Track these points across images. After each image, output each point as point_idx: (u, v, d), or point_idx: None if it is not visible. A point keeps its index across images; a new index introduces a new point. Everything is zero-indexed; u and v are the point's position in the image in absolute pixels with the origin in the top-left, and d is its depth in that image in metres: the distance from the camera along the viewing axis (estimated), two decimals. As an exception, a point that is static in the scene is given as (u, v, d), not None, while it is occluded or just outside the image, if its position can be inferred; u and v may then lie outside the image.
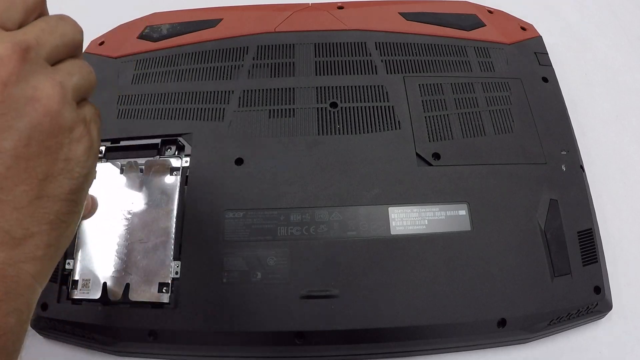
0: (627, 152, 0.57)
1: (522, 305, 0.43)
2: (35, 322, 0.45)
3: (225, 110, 0.52)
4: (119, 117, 0.52)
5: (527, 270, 0.45)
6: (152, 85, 0.54)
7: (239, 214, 0.46)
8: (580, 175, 0.50)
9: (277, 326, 0.42)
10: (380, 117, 0.51)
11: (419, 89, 0.53)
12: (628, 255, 0.51)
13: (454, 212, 0.47)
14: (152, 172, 0.50)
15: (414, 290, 0.43)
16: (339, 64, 0.55)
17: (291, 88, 0.53)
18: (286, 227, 0.46)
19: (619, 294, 0.48)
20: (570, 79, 0.62)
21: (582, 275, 0.45)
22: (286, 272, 0.44)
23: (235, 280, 0.44)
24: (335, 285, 0.43)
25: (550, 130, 0.52)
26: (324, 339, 0.43)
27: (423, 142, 0.50)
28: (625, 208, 0.54)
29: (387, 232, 0.45)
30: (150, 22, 0.60)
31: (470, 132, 0.51)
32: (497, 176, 0.48)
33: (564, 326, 0.45)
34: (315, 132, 0.50)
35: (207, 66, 0.55)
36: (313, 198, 0.47)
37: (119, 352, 0.45)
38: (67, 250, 0.46)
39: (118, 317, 0.43)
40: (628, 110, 0.61)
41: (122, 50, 0.58)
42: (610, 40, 0.67)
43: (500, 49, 0.58)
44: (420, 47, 0.57)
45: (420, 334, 0.43)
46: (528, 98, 0.54)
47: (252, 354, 0.44)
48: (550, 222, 0.47)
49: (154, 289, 0.45)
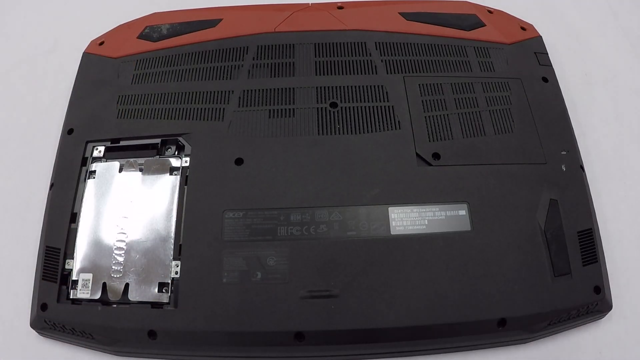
0: (627, 152, 0.57)
1: (522, 305, 0.43)
2: (35, 322, 0.45)
3: (225, 110, 0.52)
4: (119, 117, 0.52)
5: (527, 270, 0.45)
6: (152, 85, 0.54)
7: (238, 213, 0.46)
8: (580, 175, 0.50)
9: (276, 326, 0.42)
10: (380, 117, 0.51)
11: (419, 89, 0.53)
12: (628, 255, 0.51)
13: (453, 212, 0.46)
14: (152, 172, 0.50)
15: (414, 290, 0.43)
16: (339, 64, 0.55)
17: (291, 88, 0.53)
18: (286, 227, 0.46)
19: (619, 294, 0.48)
20: (570, 79, 0.62)
21: (582, 275, 0.45)
22: (286, 272, 0.44)
23: (235, 280, 0.44)
24: (335, 285, 0.43)
25: (550, 130, 0.52)
26: (323, 339, 0.42)
27: (423, 142, 0.50)
28: (625, 208, 0.54)
29: (387, 232, 0.45)
30: (150, 22, 0.60)
31: (470, 132, 0.51)
32: (497, 176, 0.48)
33: (564, 326, 0.45)
34: (315, 132, 0.50)
35: (207, 66, 0.55)
36: (313, 198, 0.47)
37: (118, 352, 0.45)
38: (67, 250, 0.46)
39: (118, 317, 0.43)
40: (628, 110, 0.61)
41: (122, 50, 0.58)
42: (610, 40, 0.67)
43: (500, 49, 0.58)
44: (420, 47, 0.57)
45: (420, 334, 0.43)
46: (528, 98, 0.54)
47: (251, 354, 0.44)
48: (550, 222, 0.47)
49: (154, 289, 0.45)
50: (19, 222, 0.52)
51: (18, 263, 0.50)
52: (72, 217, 0.47)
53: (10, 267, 0.50)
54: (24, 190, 0.54)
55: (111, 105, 0.53)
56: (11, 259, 0.50)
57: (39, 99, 0.61)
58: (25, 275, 0.49)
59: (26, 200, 0.54)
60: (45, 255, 0.46)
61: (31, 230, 0.51)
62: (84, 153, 0.50)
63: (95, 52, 0.59)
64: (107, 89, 0.54)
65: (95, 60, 0.58)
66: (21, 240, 0.51)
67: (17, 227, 0.52)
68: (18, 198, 0.54)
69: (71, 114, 0.54)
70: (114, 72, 0.56)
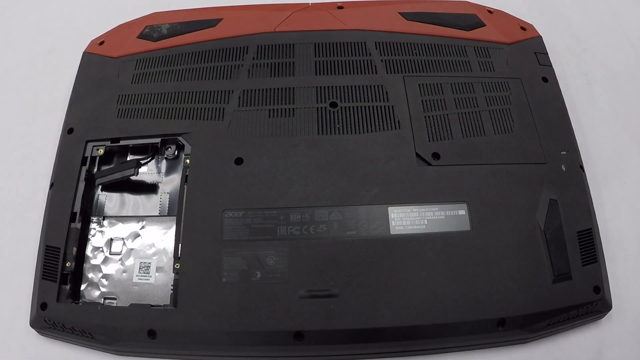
0: (627, 152, 0.57)
1: (522, 305, 0.43)
2: (35, 322, 0.45)
3: (225, 110, 0.52)
4: (119, 116, 0.52)
5: (527, 270, 0.44)
6: (152, 85, 0.54)
7: (238, 213, 0.46)
8: (580, 175, 0.50)
9: (276, 326, 0.42)
10: (380, 117, 0.51)
11: (419, 88, 0.53)
12: (628, 255, 0.51)
13: (453, 212, 0.46)
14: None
15: (413, 290, 0.43)
16: (339, 63, 0.55)
17: (291, 88, 0.53)
18: (286, 226, 0.46)
19: (619, 294, 0.48)
20: (570, 79, 0.62)
21: (582, 275, 0.45)
22: (286, 272, 0.44)
23: (234, 279, 0.44)
24: (335, 284, 0.43)
25: (550, 130, 0.52)
26: (323, 338, 0.42)
27: (423, 142, 0.50)
28: (625, 208, 0.54)
29: (386, 232, 0.45)
30: (150, 22, 0.60)
31: (470, 132, 0.51)
32: (497, 176, 0.48)
33: (564, 326, 0.45)
34: (315, 132, 0.50)
35: (207, 66, 0.55)
36: (313, 198, 0.47)
37: (118, 352, 0.45)
38: (67, 250, 0.46)
39: (117, 316, 0.43)
40: (628, 110, 0.61)
41: (122, 50, 0.58)
42: (610, 40, 0.67)
43: (500, 48, 0.58)
44: (420, 47, 0.57)
45: (420, 333, 0.43)
46: (528, 98, 0.54)
47: (251, 354, 0.44)
48: (550, 222, 0.47)
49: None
50: (19, 222, 0.52)
51: (18, 263, 0.50)
52: (72, 216, 0.47)
53: (10, 267, 0.50)
54: (24, 190, 0.54)
55: (111, 105, 0.53)
56: (11, 259, 0.50)
57: (39, 99, 0.61)
58: (25, 274, 0.49)
59: (26, 200, 0.54)
60: (45, 255, 0.46)
61: (31, 230, 0.51)
62: (84, 153, 0.50)
63: (95, 51, 0.59)
64: (107, 89, 0.54)
65: (95, 59, 0.58)
66: (21, 240, 0.51)
67: (17, 227, 0.52)
68: (18, 198, 0.54)
69: (71, 113, 0.54)
70: (114, 72, 0.56)
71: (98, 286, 0.47)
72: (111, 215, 0.50)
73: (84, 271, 0.47)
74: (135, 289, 0.46)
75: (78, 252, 0.46)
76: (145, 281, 0.46)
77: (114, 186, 0.51)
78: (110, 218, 0.50)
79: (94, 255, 0.48)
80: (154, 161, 0.52)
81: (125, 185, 0.51)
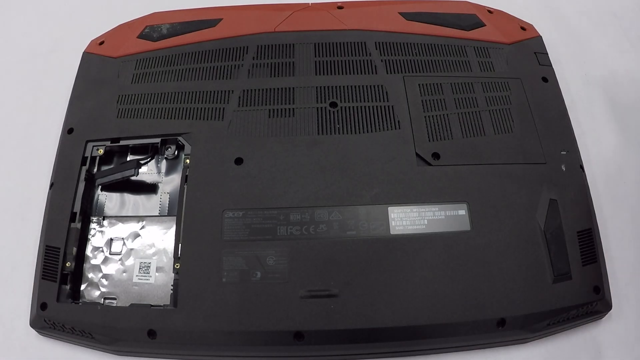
0: (627, 152, 0.57)
1: (522, 305, 0.43)
2: (35, 322, 0.45)
3: (225, 110, 0.52)
4: (119, 116, 0.52)
5: (527, 270, 0.44)
6: (152, 85, 0.54)
7: (238, 213, 0.46)
8: (580, 175, 0.50)
9: (276, 326, 0.42)
10: (379, 117, 0.51)
11: (419, 88, 0.53)
12: (628, 255, 0.51)
13: (453, 212, 0.46)
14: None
15: (413, 290, 0.43)
16: (339, 63, 0.55)
17: (291, 88, 0.53)
18: (286, 226, 0.46)
19: (619, 294, 0.48)
20: (570, 79, 0.62)
21: (582, 275, 0.45)
22: (285, 272, 0.44)
23: (234, 279, 0.44)
24: (335, 284, 0.43)
25: (550, 130, 0.52)
26: (323, 338, 0.42)
27: (423, 142, 0.50)
28: (625, 208, 0.54)
29: (386, 232, 0.45)
30: (150, 22, 0.60)
31: (470, 132, 0.51)
32: (497, 176, 0.48)
33: (564, 326, 0.45)
34: (315, 132, 0.50)
35: (206, 66, 0.55)
36: (313, 198, 0.47)
37: (118, 352, 0.45)
38: (67, 250, 0.46)
39: (117, 316, 0.43)
40: (628, 110, 0.61)
41: (122, 50, 0.58)
42: (610, 40, 0.67)
43: (500, 49, 0.58)
44: (420, 47, 0.57)
45: (420, 333, 0.43)
46: (528, 98, 0.54)
47: (251, 354, 0.44)
48: (550, 222, 0.47)
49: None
50: (19, 222, 0.52)
51: (18, 263, 0.50)
52: (72, 216, 0.47)
53: (10, 267, 0.50)
54: (24, 190, 0.54)
55: (111, 105, 0.53)
56: (11, 259, 0.50)
57: (39, 99, 0.61)
58: (25, 274, 0.49)
59: (26, 200, 0.54)
60: (45, 255, 0.46)
61: (31, 230, 0.51)
62: (84, 152, 0.50)
63: (95, 51, 0.59)
64: (107, 89, 0.54)
65: (95, 59, 0.58)
66: (21, 240, 0.51)
67: (17, 227, 0.52)
68: (18, 198, 0.54)
69: (71, 113, 0.54)
70: (114, 72, 0.56)
71: (98, 286, 0.47)
72: (111, 215, 0.50)
73: (84, 271, 0.47)
74: (135, 289, 0.46)
75: (78, 252, 0.46)
76: (145, 281, 0.46)
77: (114, 186, 0.51)
78: (110, 218, 0.50)
79: (94, 255, 0.48)
80: (154, 161, 0.52)
81: (125, 185, 0.51)
